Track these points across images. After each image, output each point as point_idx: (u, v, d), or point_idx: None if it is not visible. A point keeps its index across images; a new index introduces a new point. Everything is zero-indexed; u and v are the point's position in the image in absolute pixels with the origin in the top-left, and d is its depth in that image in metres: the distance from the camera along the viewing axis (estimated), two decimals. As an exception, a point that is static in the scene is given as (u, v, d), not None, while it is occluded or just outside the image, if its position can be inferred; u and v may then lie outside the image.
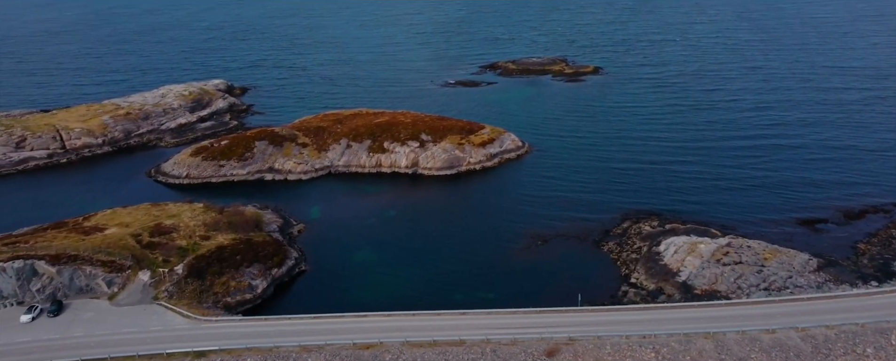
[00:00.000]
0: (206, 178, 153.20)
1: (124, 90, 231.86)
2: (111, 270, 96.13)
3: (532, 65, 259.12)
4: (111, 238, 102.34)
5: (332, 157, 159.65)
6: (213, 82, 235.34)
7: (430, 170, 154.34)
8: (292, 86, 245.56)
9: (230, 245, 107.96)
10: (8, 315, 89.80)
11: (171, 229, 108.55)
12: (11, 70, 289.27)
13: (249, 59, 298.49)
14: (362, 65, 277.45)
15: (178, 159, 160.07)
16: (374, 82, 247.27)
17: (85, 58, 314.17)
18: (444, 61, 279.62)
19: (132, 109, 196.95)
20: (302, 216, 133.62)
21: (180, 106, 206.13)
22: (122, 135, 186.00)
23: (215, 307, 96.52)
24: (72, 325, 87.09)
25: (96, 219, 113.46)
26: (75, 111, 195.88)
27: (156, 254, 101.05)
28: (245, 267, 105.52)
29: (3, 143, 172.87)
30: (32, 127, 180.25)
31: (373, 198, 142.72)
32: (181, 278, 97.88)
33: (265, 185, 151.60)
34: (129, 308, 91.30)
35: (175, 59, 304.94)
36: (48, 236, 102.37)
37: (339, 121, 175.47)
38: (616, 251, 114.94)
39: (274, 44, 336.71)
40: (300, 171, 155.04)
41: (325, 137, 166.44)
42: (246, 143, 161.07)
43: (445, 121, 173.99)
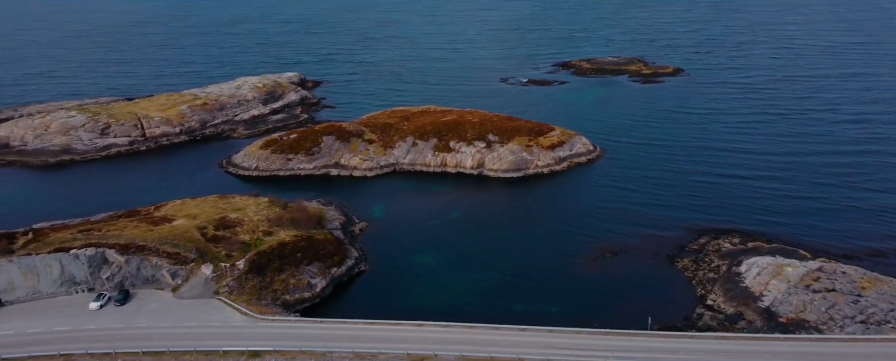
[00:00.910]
0: (274, 171, 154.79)
1: (202, 80, 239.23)
2: (176, 262, 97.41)
3: (607, 65, 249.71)
4: (178, 229, 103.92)
5: (397, 155, 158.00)
6: (287, 75, 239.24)
7: (496, 172, 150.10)
8: (362, 81, 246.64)
9: (292, 242, 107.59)
10: (79, 301, 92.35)
11: (236, 223, 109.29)
12: (102, 59, 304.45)
13: (322, 52, 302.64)
14: (432, 61, 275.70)
15: (249, 151, 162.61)
16: (442, 79, 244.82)
17: (168, 48, 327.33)
18: (515, 59, 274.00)
19: (209, 100, 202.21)
20: (365, 214, 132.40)
21: (254, 97, 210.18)
22: (198, 124, 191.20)
23: (274, 304, 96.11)
24: (136, 315, 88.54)
25: (166, 210, 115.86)
26: (156, 100, 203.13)
27: (219, 248, 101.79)
28: (305, 264, 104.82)
29: (89, 130, 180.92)
30: (116, 114, 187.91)
31: (436, 199, 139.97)
32: (242, 273, 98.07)
33: (330, 181, 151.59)
34: (191, 302, 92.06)
35: (252, 50, 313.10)
36: (120, 225, 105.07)
37: (406, 119, 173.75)
38: (691, 269, 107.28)
39: (346, 38, 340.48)
40: (365, 168, 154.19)
41: (391, 134, 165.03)
42: (314, 138, 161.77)
43: (514, 122, 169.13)
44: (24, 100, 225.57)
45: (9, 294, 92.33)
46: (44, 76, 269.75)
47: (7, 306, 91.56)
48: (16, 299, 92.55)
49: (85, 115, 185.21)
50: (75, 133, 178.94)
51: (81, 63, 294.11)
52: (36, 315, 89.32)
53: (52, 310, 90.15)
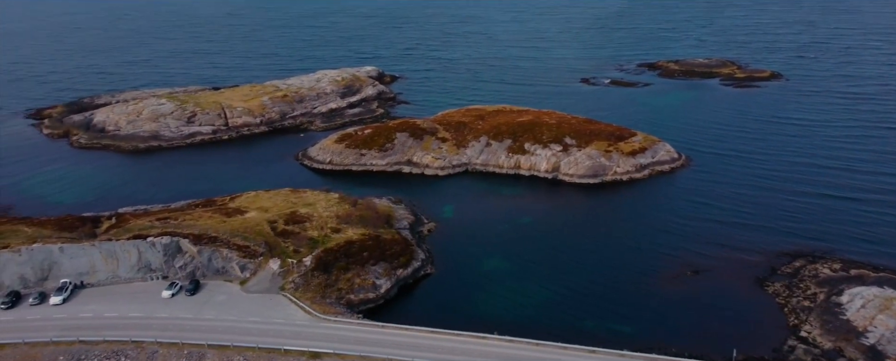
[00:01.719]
0: (347, 166, 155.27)
1: (284, 72, 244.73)
2: (245, 255, 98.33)
3: (697, 67, 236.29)
4: (249, 222, 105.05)
5: (470, 155, 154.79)
6: (365, 69, 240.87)
7: (572, 177, 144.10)
8: (439, 77, 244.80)
9: (359, 240, 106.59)
10: (153, 288, 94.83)
11: (306, 218, 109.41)
12: (194, 49, 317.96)
13: (401, 47, 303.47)
14: (510, 59, 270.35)
15: (324, 145, 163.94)
16: (520, 78, 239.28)
17: (253, 40, 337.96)
18: (598, 58, 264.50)
19: (289, 92, 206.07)
20: (434, 214, 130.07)
21: (332, 91, 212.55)
22: (277, 116, 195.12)
23: (338, 303, 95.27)
24: (204, 307, 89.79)
25: (240, 201, 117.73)
26: (240, 90, 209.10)
27: (288, 243, 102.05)
28: (371, 264, 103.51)
29: (176, 118, 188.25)
30: (202, 103, 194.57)
31: (508, 202, 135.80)
32: (308, 270, 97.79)
33: (402, 178, 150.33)
34: (257, 296, 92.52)
35: (333, 43, 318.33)
36: (195, 214, 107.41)
37: (480, 117, 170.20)
38: (783, 295, 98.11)
39: (426, 33, 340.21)
40: (437, 167, 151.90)
41: (465, 133, 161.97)
42: (387, 134, 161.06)
43: (593, 125, 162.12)
44: (122, 86, 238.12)
45: (91, 276, 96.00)
46: (141, 64, 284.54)
47: (88, 288, 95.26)
48: (97, 282, 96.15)
49: (173, 103, 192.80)
50: (164, 120, 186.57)
51: (174, 52, 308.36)
52: (113, 298, 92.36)
53: (128, 295, 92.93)
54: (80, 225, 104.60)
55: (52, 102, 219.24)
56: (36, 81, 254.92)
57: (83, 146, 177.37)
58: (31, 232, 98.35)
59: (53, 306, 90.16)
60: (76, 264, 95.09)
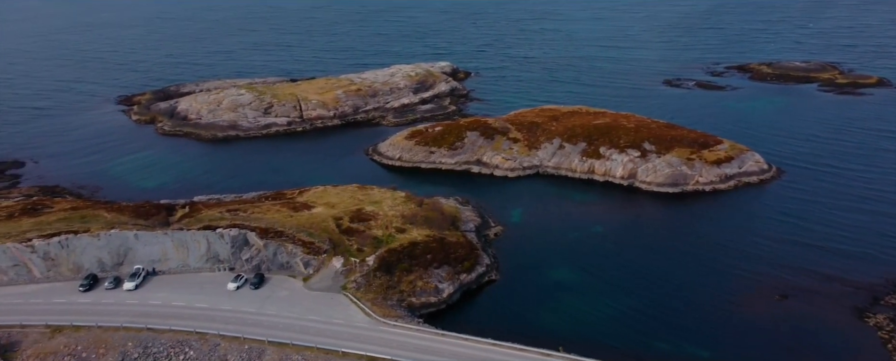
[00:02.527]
0: (416, 163, 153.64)
1: (359, 66, 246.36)
2: (310, 252, 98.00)
3: (793, 71, 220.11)
4: (315, 218, 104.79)
5: (542, 157, 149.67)
6: (440, 64, 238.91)
7: (649, 185, 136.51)
8: (513, 75, 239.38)
9: (423, 241, 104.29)
10: (219, 279, 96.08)
11: (371, 217, 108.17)
12: (277, 41, 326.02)
13: (476, 43, 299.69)
14: (588, 58, 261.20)
15: (394, 141, 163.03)
16: (598, 78, 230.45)
17: (330, 33, 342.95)
18: (683, 59, 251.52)
19: (363, 86, 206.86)
20: (502, 217, 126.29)
21: (406, 86, 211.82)
22: (350, 109, 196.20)
23: (399, 305, 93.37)
24: (267, 302, 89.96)
25: (308, 196, 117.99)
26: (315, 83, 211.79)
27: (352, 241, 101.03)
28: (434, 267, 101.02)
29: (254, 108, 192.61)
30: (279, 95, 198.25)
31: (580, 208, 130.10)
32: (371, 270, 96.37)
33: (471, 178, 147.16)
34: (319, 294, 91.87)
35: (408, 38, 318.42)
36: (264, 207, 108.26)
37: (554, 118, 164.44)
38: (887, 328, 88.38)
39: (502, 29, 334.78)
40: (507, 168, 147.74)
41: (537, 134, 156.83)
42: (458, 132, 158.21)
43: (674, 130, 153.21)
44: (206, 76, 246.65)
45: (162, 264, 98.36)
46: (224, 54, 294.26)
47: (160, 275, 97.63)
48: (168, 270, 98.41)
49: (252, 94, 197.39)
50: (242, 110, 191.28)
51: (257, 44, 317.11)
52: (182, 287, 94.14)
53: (196, 285, 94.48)
54: (155, 212, 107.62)
55: (140, 89, 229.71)
56: (127, 69, 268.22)
57: (167, 133, 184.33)
58: (110, 218, 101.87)
59: (126, 291, 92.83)
60: (149, 251, 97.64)
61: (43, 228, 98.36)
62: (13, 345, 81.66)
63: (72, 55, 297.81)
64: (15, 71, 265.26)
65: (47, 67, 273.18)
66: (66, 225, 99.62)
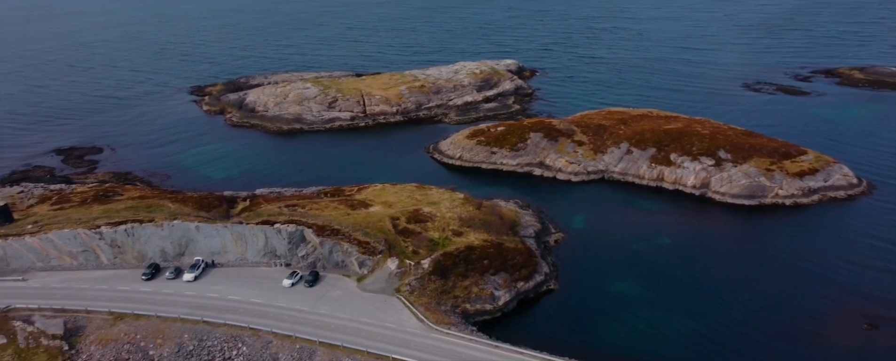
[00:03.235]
0: (476, 163, 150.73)
1: (424, 62, 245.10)
2: (365, 251, 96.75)
3: (889, 77, 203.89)
4: (372, 217, 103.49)
5: (607, 161, 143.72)
6: (505, 62, 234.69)
7: (723, 196, 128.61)
8: (580, 75, 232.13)
9: (480, 246, 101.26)
10: (275, 275, 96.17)
11: (428, 218, 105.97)
12: (344, 36, 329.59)
13: (543, 41, 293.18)
14: (661, 59, 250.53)
15: (455, 139, 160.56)
16: (671, 79, 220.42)
17: (397, 28, 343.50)
18: (763, 62, 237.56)
19: (427, 82, 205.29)
20: (563, 223, 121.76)
21: (469, 83, 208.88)
22: (413, 106, 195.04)
23: (452, 312, 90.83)
24: (320, 301, 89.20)
25: (366, 194, 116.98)
26: (380, 78, 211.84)
27: (407, 243, 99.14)
28: (491, 274, 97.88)
29: (319, 102, 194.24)
30: (344, 90, 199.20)
31: (646, 218, 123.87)
32: (426, 274, 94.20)
33: (532, 181, 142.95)
34: (372, 296, 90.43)
35: (474, 34, 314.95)
36: (322, 204, 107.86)
37: (622, 121, 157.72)
38: None
39: (570, 27, 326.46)
40: (571, 172, 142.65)
41: (604, 137, 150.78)
42: (520, 133, 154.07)
43: (753, 138, 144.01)
44: (274, 68, 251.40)
45: (221, 256, 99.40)
46: (293, 48, 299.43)
47: (218, 267, 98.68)
48: (226, 262, 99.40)
49: (317, 88, 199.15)
50: (307, 104, 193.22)
51: (325, 38, 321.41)
52: (239, 281, 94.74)
53: (252, 280, 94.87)
54: (217, 204, 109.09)
55: (212, 81, 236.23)
56: (201, 60, 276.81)
57: (235, 124, 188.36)
58: (174, 209, 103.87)
59: (186, 282, 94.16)
60: (209, 243, 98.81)
61: (111, 216, 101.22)
62: (78, 330, 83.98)
63: (150, 46, 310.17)
64: (97, 61, 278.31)
65: (127, 58, 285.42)
66: (133, 213, 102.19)
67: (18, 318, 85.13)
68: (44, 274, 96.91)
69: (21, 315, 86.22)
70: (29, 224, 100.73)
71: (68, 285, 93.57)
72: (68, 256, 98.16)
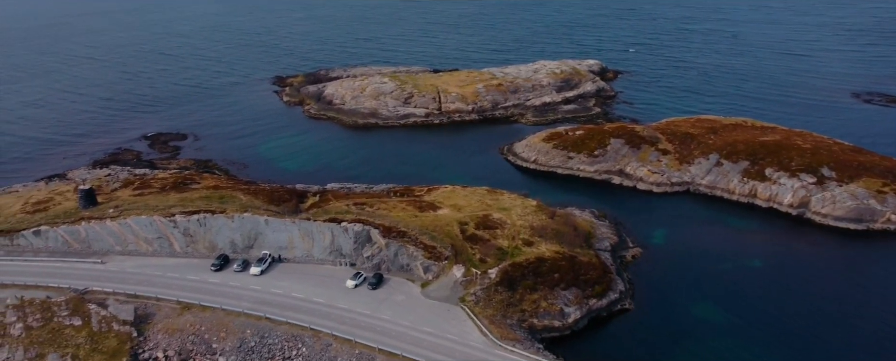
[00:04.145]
0: (552, 167, 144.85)
1: (503, 60, 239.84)
2: (431, 256, 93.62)
3: None
4: (440, 221, 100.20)
5: (694, 173, 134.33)
6: (587, 62, 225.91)
7: (825, 218, 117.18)
8: (667, 78, 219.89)
9: (551, 258, 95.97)
10: (339, 274, 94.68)
11: (497, 224, 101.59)
12: (421, 30, 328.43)
13: (627, 40, 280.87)
14: (757, 65, 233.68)
15: (531, 141, 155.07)
16: (768, 87, 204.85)
17: (478, 24, 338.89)
18: (875, 71, 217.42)
19: (504, 81, 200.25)
20: (642, 237, 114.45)
21: (549, 83, 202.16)
22: (489, 105, 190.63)
23: (518, 326, 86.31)
24: (382, 305, 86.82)
25: (436, 195, 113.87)
26: (457, 75, 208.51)
27: (475, 250, 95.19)
28: (561, 288, 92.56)
29: (395, 97, 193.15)
30: (420, 85, 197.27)
31: (735, 237, 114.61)
32: (492, 284, 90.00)
33: (610, 190, 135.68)
34: (436, 304, 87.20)
35: (556, 32, 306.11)
36: (390, 204, 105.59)
37: (712, 131, 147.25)
38: None
39: (657, 27, 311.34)
40: (653, 182, 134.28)
41: (691, 147, 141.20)
42: (600, 138, 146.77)
43: (863, 156, 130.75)
44: (353, 61, 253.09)
45: (288, 252, 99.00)
46: (373, 41, 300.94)
47: (285, 263, 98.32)
48: (293, 258, 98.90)
49: (394, 83, 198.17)
50: (383, 99, 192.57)
51: (404, 32, 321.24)
52: (303, 278, 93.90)
53: (316, 278, 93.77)
54: (287, 198, 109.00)
55: (293, 72, 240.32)
56: (284, 51, 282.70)
57: (313, 116, 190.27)
58: (245, 201, 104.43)
59: (252, 276, 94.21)
60: (277, 238, 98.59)
61: (186, 205, 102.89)
62: (147, 317, 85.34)
63: (237, 37, 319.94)
64: (187, 51, 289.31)
65: (216, 48, 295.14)
66: (206, 203, 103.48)
67: (94, 301, 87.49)
68: (121, 257, 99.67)
69: (97, 297, 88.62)
70: (111, 208, 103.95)
71: (142, 270, 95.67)
72: (144, 242, 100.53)
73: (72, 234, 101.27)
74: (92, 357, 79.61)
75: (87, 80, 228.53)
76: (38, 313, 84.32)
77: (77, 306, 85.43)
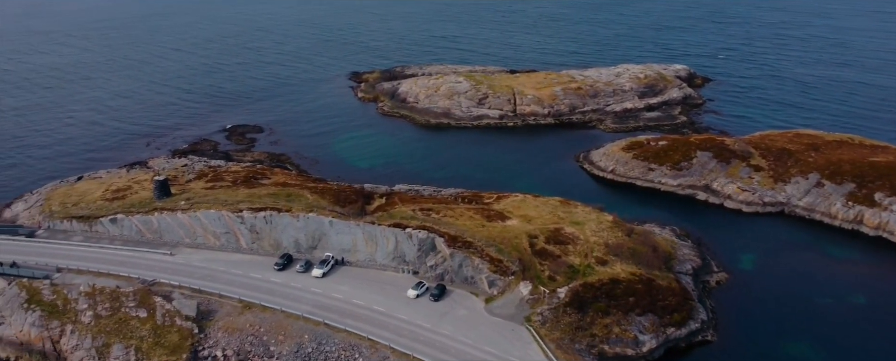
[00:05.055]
0: (631, 179, 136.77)
1: (583, 62, 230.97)
2: (497, 270, 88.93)
3: None
4: (509, 232, 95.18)
5: (790, 193, 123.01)
6: (673, 67, 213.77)
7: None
8: (761, 87, 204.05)
9: (626, 280, 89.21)
10: (401, 282, 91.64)
11: (570, 240, 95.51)
12: (500, 30, 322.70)
13: (718, 45, 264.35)
14: (867, 76, 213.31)
15: (609, 150, 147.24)
16: (880, 101, 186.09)
17: (556, 25, 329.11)
18: None
19: (584, 84, 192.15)
20: (728, 261, 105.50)
21: (631, 89, 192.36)
22: (567, 108, 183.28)
23: (588, 352, 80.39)
24: (443, 319, 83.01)
25: (505, 203, 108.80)
26: (534, 77, 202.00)
27: (544, 266, 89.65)
28: (636, 314, 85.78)
29: (469, 97, 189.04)
30: (495, 86, 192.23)
31: (837, 267, 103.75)
32: (561, 304, 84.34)
33: (694, 206, 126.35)
34: (499, 322, 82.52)
35: (641, 34, 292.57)
36: (458, 211, 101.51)
37: (813, 147, 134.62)
38: None
39: (752, 31, 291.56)
40: (743, 200, 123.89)
41: (788, 164, 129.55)
42: (686, 150, 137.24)
43: None
44: (428, 59, 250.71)
45: (352, 254, 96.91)
46: (449, 39, 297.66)
47: (347, 266, 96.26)
48: (356, 261, 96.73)
49: (469, 83, 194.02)
50: (457, 99, 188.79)
51: (481, 31, 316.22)
52: (365, 283, 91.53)
53: (378, 284, 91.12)
54: (354, 199, 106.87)
55: (370, 68, 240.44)
56: (362, 47, 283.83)
57: (386, 113, 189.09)
58: (312, 200, 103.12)
59: (314, 278, 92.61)
60: (341, 240, 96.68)
61: (253, 201, 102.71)
62: (209, 314, 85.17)
63: (318, 32, 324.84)
64: (269, 45, 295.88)
65: (296, 43, 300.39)
66: (273, 200, 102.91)
67: (160, 293, 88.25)
68: (189, 250, 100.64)
69: (163, 290, 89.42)
70: (183, 200, 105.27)
71: (208, 265, 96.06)
72: (212, 236, 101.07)
73: (145, 224, 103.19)
74: (154, 350, 79.98)
75: (173, 73, 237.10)
76: (108, 302, 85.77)
77: (144, 298, 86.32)
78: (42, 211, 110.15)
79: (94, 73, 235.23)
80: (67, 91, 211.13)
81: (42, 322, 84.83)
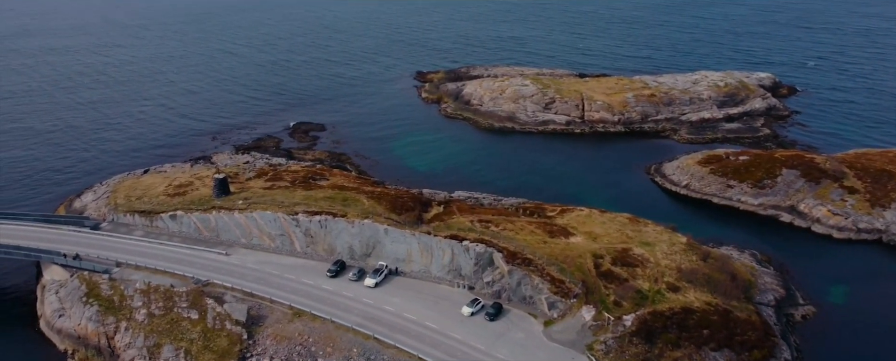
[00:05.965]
0: (707, 195, 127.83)
1: (657, 67, 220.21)
2: (558, 291, 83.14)
3: None
4: (572, 251, 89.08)
5: (890, 219, 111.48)
6: (756, 75, 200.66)
7: None
8: (855, 101, 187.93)
9: (701, 310, 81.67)
10: (456, 298, 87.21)
11: (638, 262, 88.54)
12: (569, 32, 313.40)
13: (806, 52, 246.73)
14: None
15: (683, 163, 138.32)
16: None
17: (630, 28, 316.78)
18: None
19: (658, 91, 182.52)
20: (815, 292, 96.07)
21: (709, 97, 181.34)
22: (638, 116, 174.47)
23: (654, 387, 73.64)
24: (499, 341, 77.99)
25: (569, 218, 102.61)
26: (605, 82, 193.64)
27: (609, 290, 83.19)
28: (710, 348, 78.18)
29: (535, 102, 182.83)
30: (563, 91, 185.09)
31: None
32: (627, 333, 77.83)
33: (777, 229, 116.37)
34: (558, 348, 76.80)
35: (720, 39, 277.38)
36: (518, 224, 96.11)
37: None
38: None
39: (844, 38, 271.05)
40: (834, 225, 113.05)
41: (888, 187, 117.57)
42: (769, 167, 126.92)
43: None
44: (495, 60, 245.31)
45: (406, 265, 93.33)
46: (515, 40, 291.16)
47: (401, 276, 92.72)
48: (410, 272, 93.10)
49: (536, 86, 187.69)
50: (523, 102, 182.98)
51: (550, 31, 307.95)
52: (418, 296, 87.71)
53: (432, 298, 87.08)
54: (411, 207, 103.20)
55: (435, 68, 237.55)
56: (428, 47, 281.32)
57: (449, 115, 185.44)
58: (368, 206, 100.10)
59: (366, 287, 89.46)
60: (396, 249, 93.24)
61: (310, 204, 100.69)
62: (259, 319, 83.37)
63: (385, 32, 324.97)
64: (335, 43, 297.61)
65: (362, 42, 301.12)
66: (329, 204, 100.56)
67: (213, 295, 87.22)
68: (245, 251, 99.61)
69: (215, 291, 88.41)
70: (240, 199, 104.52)
71: (261, 267, 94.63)
72: (267, 237, 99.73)
73: (203, 222, 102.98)
74: (203, 354, 78.72)
75: (241, 69, 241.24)
76: (161, 301, 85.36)
77: (196, 299, 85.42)
78: (108, 204, 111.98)
79: (166, 68, 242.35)
80: (140, 86, 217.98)
81: (99, 318, 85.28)
